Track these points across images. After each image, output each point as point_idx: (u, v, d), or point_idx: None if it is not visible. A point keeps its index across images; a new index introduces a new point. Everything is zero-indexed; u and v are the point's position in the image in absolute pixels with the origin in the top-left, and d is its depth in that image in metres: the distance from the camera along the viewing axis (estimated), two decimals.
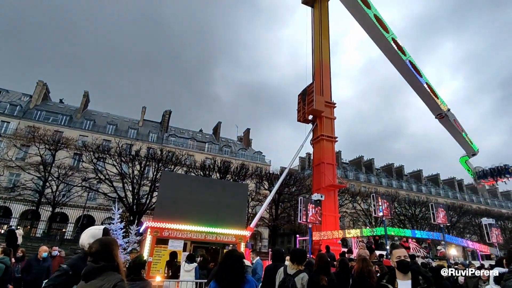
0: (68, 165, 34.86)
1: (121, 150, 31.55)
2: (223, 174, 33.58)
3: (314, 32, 26.51)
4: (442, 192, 65.88)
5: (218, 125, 57.04)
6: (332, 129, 23.50)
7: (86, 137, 41.92)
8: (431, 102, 23.39)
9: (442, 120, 23.53)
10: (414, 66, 23.14)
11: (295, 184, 37.98)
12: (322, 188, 21.14)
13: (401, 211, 41.72)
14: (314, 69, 25.36)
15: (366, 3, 23.47)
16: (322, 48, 25.18)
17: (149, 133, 48.54)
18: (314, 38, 26.36)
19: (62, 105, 49.49)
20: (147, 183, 31.73)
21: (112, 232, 15.98)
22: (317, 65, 25.04)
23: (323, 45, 25.31)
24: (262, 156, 54.52)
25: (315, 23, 26.52)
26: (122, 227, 16.75)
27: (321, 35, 25.57)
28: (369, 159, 64.65)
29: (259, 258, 9.13)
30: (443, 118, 23.23)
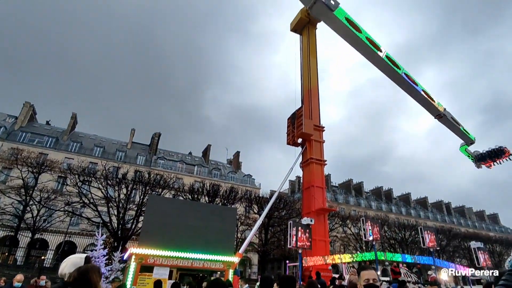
0: (51, 188, 33.72)
1: (108, 173, 30.86)
2: (212, 197, 33.04)
3: (303, 58, 27.34)
4: (430, 215, 66.18)
5: (207, 148, 56.81)
6: (321, 153, 23.67)
7: (71, 159, 40.99)
8: (429, 105, 25.85)
9: (441, 120, 26.15)
10: (409, 78, 24.99)
11: (285, 208, 37.58)
12: (312, 212, 20.95)
13: (391, 235, 41.51)
14: (303, 93, 25.90)
15: (357, 28, 24.68)
16: (311, 74, 25.88)
17: (137, 155, 47.85)
18: (303, 64, 27.14)
19: (49, 127, 48.65)
20: (133, 207, 30.87)
21: (94, 260, 15.23)
22: (305, 90, 25.61)
23: (311, 71, 26.03)
24: (252, 179, 54.15)
25: (304, 49, 27.41)
26: (105, 254, 16.00)
27: (309, 61, 26.37)
28: (358, 182, 64.94)
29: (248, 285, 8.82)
30: (441, 118, 25.92)
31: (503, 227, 75.56)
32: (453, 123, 26.23)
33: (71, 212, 31.09)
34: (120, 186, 30.35)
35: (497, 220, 77.18)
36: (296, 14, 28.06)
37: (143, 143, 54.66)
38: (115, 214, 29.41)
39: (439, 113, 25.57)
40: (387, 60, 24.72)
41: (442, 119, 25.97)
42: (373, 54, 24.76)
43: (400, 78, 25.05)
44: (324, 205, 21.70)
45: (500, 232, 70.12)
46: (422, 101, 25.95)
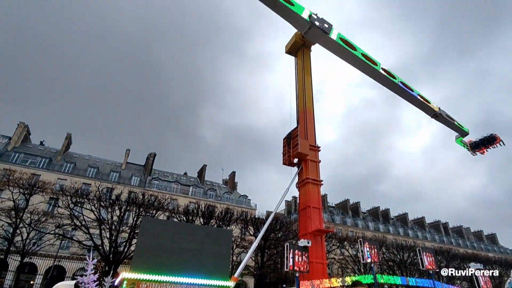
0: (42, 210, 32.96)
1: (101, 194, 30.34)
2: (207, 219, 32.47)
3: (298, 79, 27.84)
4: (428, 236, 65.49)
5: (203, 168, 56.46)
6: (317, 173, 23.62)
7: (64, 180, 40.36)
8: (425, 107, 27.68)
9: (437, 118, 27.91)
10: (405, 85, 26.66)
11: (281, 229, 36.98)
12: (309, 233, 20.61)
13: (389, 256, 40.81)
14: (299, 114, 26.17)
15: (352, 47, 25.55)
16: (306, 94, 26.28)
17: (132, 176, 47.32)
18: (298, 85, 27.60)
19: (42, 147, 48.23)
20: (126, 230, 30.15)
21: (84, 286, 14.67)
22: (301, 110, 25.89)
23: (306, 92, 26.45)
24: (248, 200, 53.55)
25: (299, 71, 27.96)
26: (95, 279, 15.44)
27: (304, 82, 26.84)
28: (355, 202, 64.53)
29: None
30: (438, 117, 27.67)
31: (501, 247, 74.86)
32: (448, 120, 28.06)
33: (62, 235, 30.23)
34: (113, 207, 29.76)
35: (496, 240, 76.55)
36: (291, 37, 28.83)
37: (138, 164, 54.23)
38: (107, 237, 28.65)
39: (435, 113, 27.29)
40: (383, 72, 25.70)
41: (439, 118, 27.72)
42: (370, 68, 26.12)
43: (397, 86, 26.67)
44: (321, 226, 21.40)
45: (499, 252, 69.40)
46: (419, 104, 27.78)
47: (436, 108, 27.43)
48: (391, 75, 26.22)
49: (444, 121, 28.48)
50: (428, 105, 27.33)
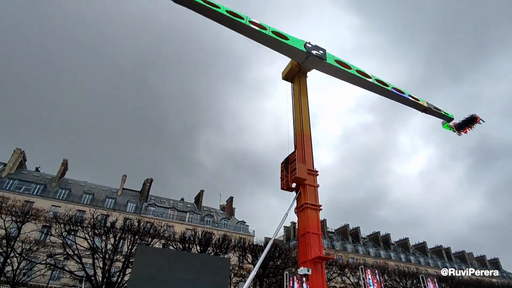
0: (34, 239, 32.00)
1: (95, 221, 29.68)
2: (204, 246, 31.63)
3: (295, 104, 28.24)
4: (431, 262, 63.95)
5: (200, 194, 55.81)
6: (316, 197, 23.36)
7: (58, 207, 39.60)
8: (415, 105, 29.47)
9: (427, 112, 29.70)
10: (397, 90, 28.67)
11: (281, 257, 36.00)
12: (309, 261, 20.03)
13: (392, 284, 39.57)
14: (296, 138, 26.30)
15: (347, 66, 26.60)
16: (303, 119, 26.55)
17: (128, 202, 46.56)
18: (295, 109, 27.96)
19: (38, 174, 47.71)
20: (121, 259, 29.23)
21: None
22: (298, 135, 26.04)
23: (303, 116, 26.74)
24: (246, 226, 52.54)
25: (295, 96, 28.42)
26: None
27: (301, 107, 27.21)
28: (355, 228, 63.46)
29: None
30: (427, 110, 29.44)
31: (504, 272, 73.05)
32: (436, 111, 30.10)
33: (53, 265, 29.17)
34: (108, 235, 29.01)
35: (498, 265, 74.81)
36: (287, 64, 29.55)
37: (134, 190, 53.56)
38: (100, 267, 27.69)
39: (425, 108, 29.19)
40: (376, 82, 27.40)
41: (428, 111, 29.69)
42: (365, 81, 27.66)
43: (390, 93, 28.51)
44: (321, 253, 20.85)
45: (502, 277, 67.59)
46: (410, 103, 29.80)
47: (425, 103, 29.69)
48: (384, 84, 28.28)
49: (433, 113, 30.77)
50: (418, 102, 29.53)
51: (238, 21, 23.03)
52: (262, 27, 24.17)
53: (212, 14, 22.32)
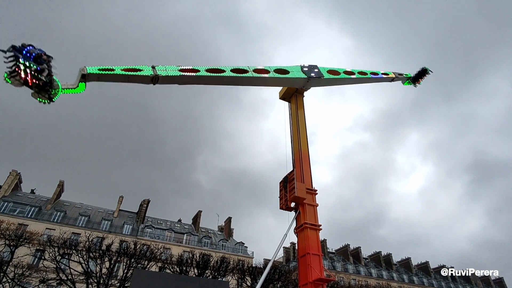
0: (27, 263, 31.09)
1: (91, 244, 29.02)
2: (201, 269, 30.81)
3: (292, 124, 28.42)
4: (435, 283, 62.40)
5: (198, 214, 54.96)
6: (315, 217, 23.01)
7: (53, 230, 38.76)
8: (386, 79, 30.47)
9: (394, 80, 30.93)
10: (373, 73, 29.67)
11: (280, 279, 35.03)
12: (309, 283, 19.46)
13: None
14: (294, 157, 26.26)
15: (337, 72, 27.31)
16: (301, 138, 26.63)
17: (124, 224, 45.70)
18: (292, 129, 28.10)
19: (33, 196, 47.02)
20: (116, 283, 28.39)
21: None
22: (296, 154, 26.03)
23: (301, 135, 26.84)
24: (244, 248, 51.44)
25: (293, 116, 28.65)
26: None
27: (298, 126, 27.36)
28: (355, 248, 62.27)
29: None
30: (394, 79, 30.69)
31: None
32: (401, 76, 31.35)
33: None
34: (103, 259, 28.26)
35: (503, 285, 73.01)
36: None
37: (131, 211, 52.71)
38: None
39: (392, 78, 30.61)
40: (359, 75, 28.06)
41: (395, 79, 31.03)
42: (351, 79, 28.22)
43: (370, 79, 29.69)
44: (322, 275, 20.28)
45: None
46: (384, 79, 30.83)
47: (391, 75, 31.10)
48: (364, 73, 29.19)
49: (399, 79, 31.87)
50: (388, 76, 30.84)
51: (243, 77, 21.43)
52: (266, 71, 22.85)
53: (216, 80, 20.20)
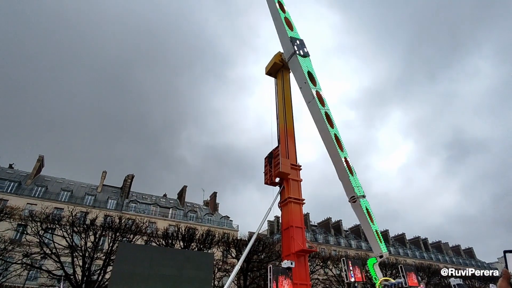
0: (8, 238, 30.76)
1: (74, 219, 28.79)
2: (187, 242, 31.37)
3: (278, 99, 28.29)
4: (409, 252, 66.23)
5: (183, 189, 55.22)
6: (299, 192, 23.59)
7: (34, 205, 38.16)
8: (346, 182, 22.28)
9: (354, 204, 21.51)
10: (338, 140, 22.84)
11: (264, 251, 36.24)
12: (292, 254, 20.25)
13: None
14: (279, 133, 26.38)
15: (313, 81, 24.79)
16: (286, 114, 26.65)
17: (108, 199, 45.46)
18: (278, 105, 28.01)
19: (12, 171, 45.70)
20: (101, 256, 28.57)
21: None
22: (281, 130, 26.13)
23: (287, 111, 26.84)
24: (230, 221, 52.52)
25: (279, 91, 28.46)
26: None
27: (284, 102, 27.29)
28: (337, 221, 64.72)
29: None
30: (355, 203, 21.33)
31: (479, 261, 76.68)
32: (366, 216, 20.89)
33: (29, 264, 28.15)
34: (88, 233, 28.24)
35: (473, 255, 78.46)
36: (271, 59, 29.53)
37: (115, 186, 52.31)
38: (80, 265, 26.96)
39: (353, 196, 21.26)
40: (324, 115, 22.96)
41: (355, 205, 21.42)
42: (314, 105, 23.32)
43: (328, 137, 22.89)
44: (304, 246, 21.11)
45: (477, 266, 70.94)
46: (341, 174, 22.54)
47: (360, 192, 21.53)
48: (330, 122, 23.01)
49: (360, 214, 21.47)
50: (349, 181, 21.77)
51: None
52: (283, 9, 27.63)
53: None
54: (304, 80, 24.64)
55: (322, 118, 22.87)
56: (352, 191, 21.49)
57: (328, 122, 23.01)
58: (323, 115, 23.03)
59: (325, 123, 22.70)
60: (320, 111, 23.10)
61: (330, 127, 22.76)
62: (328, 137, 22.57)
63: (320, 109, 23.16)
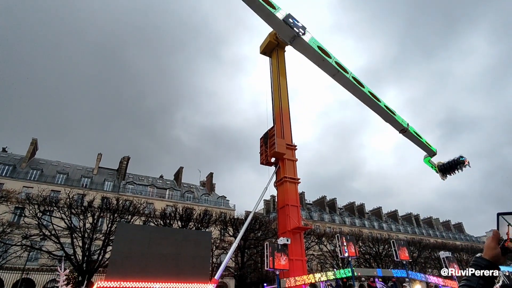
0: (7, 221, 30.96)
1: (72, 201, 28.97)
2: (185, 222, 31.92)
3: (273, 79, 27.99)
4: (401, 228, 68.21)
5: (179, 170, 55.48)
6: (294, 171, 23.87)
7: (31, 188, 38.17)
8: (392, 121, 26.98)
9: (405, 134, 27.21)
10: (373, 95, 26.24)
11: (261, 229, 37.08)
12: (288, 231, 20.78)
13: (365, 249, 42.07)
14: (275, 113, 26.31)
15: (327, 54, 25.16)
16: (281, 94, 26.46)
17: (105, 181, 45.60)
18: (273, 85, 27.76)
19: (5, 154, 45.34)
20: (100, 237, 29.01)
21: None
22: (277, 110, 26.05)
23: (282, 91, 26.64)
24: (226, 201, 53.26)
25: (274, 71, 28.11)
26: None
27: (279, 82, 27.02)
28: (331, 199, 65.97)
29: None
30: (405, 132, 27.02)
31: (467, 235, 79.41)
32: (416, 137, 27.55)
33: (29, 246, 28.54)
34: (86, 214, 28.52)
35: (462, 229, 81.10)
36: (265, 38, 28.92)
37: (111, 168, 52.35)
38: (79, 246, 27.42)
39: (403, 128, 26.74)
40: (353, 80, 25.58)
41: (406, 134, 27.19)
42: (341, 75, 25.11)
43: (365, 95, 26.14)
44: (299, 224, 21.64)
45: (466, 240, 73.58)
46: (386, 116, 27.01)
47: (404, 123, 26.49)
48: (360, 84, 25.36)
49: (412, 137, 27.40)
50: (395, 119, 26.14)
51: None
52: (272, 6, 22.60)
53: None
54: (320, 58, 24.79)
55: (353, 83, 24.88)
56: (400, 125, 26.48)
57: (359, 84, 25.19)
58: (352, 80, 24.81)
59: (356, 86, 24.96)
60: (349, 79, 24.78)
61: (362, 88, 25.27)
62: (365, 95, 25.51)
63: (348, 77, 24.82)
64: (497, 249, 1.54)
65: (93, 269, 27.07)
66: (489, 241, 1.59)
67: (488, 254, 1.55)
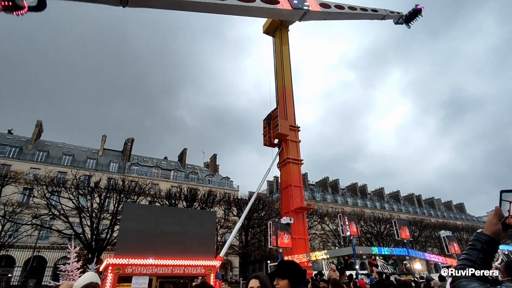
0: (16, 201, 31.74)
1: (79, 182, 29.53)
2: (190, 202, 32.53)
3: (276, 59, 27.63)
4: (403, 208, 68.97)
5: (183, 152, 55.89)
6: (297, 152, 24.01)
7: (38, 169, 38.81)
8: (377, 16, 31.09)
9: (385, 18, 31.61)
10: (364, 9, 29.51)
11: (264, 209, 37.72)
12: (291, 211, 21.19)
13: (367, 229, 42.81)
14: (278, 94, 26.17)
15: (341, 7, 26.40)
16: (284, 75, 26.20)
17: (110, 162, 46.18)
18: (277, 65, 27.44)
19: (11, 136, 45.82)
20: (108, 216, 29.76)
21: (68, 274, 14.54)
22: (280, 91, 25.89)
23: (285, 72, 26.36)
24: (230, 182, 53.91)
25: (277, 51, 27.71)
26: (79, 267, 15.31)
27: (282, 62, 26.68)
28: (334, 180, 66.47)
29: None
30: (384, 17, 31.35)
31: (469, 215, 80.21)
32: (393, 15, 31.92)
33: (40, 225, 29.41)
34: (93, 195, 29.13)
35: (464, 209, 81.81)
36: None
37: (116, 150, 52.85)
38: (88, 225, 28.20)
39: (383, 16, 31.18)
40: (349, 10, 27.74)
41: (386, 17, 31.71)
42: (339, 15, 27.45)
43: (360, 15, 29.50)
44: (302, 204, 22.01)
45: (466, 220, 74.38)
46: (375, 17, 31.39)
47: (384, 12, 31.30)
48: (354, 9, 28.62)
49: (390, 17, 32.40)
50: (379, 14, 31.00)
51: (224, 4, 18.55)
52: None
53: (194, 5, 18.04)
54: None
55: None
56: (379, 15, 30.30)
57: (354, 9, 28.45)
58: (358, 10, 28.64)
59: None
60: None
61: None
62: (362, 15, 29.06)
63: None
64: (498, 225, 1.56)
65: (102, 247, 27.95)
66: (490, 217, 1.61)
67: (489, 229, 1.58)
